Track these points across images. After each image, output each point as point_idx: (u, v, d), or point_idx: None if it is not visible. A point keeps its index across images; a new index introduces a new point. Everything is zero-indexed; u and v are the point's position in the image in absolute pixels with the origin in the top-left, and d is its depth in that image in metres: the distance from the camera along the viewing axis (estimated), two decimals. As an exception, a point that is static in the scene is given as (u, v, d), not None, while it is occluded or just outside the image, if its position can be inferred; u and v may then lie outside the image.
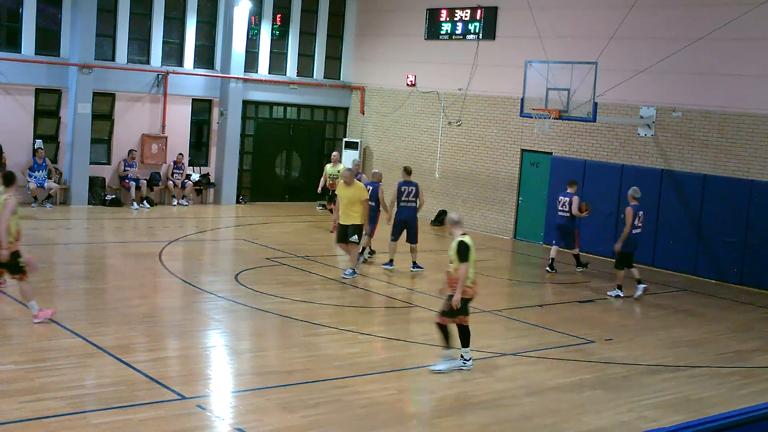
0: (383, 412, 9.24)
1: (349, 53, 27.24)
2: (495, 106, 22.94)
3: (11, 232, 11.18)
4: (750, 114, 18.14)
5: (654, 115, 19.58)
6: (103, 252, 17.54)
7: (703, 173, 18.81)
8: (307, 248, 18.75)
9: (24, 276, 11.41)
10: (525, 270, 19.43)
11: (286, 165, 26.76)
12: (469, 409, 9.55)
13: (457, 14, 23.97)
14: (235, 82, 24.70)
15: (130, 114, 23.52)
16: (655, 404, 10.18)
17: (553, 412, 9.67)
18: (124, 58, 23.31)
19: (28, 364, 9.89)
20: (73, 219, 20.88)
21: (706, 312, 15.56)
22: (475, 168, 23.44)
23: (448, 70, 24.11)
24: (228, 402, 9.46)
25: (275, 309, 13.29)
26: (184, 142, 24.43)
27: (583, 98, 18.43)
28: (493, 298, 15.42)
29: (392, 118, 25.85)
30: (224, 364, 10.94)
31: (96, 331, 11.34)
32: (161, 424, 8.42)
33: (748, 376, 11.76)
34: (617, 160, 20.28)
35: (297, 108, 26.63)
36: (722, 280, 18.34)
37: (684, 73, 19.10)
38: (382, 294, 14.98)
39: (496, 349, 12.05)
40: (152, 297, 14.06)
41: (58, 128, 22.61)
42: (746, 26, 17.86)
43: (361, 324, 12.91)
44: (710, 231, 18.64)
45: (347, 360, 11.04)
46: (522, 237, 22.41)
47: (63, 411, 8.51)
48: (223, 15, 24.60)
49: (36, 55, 22.04)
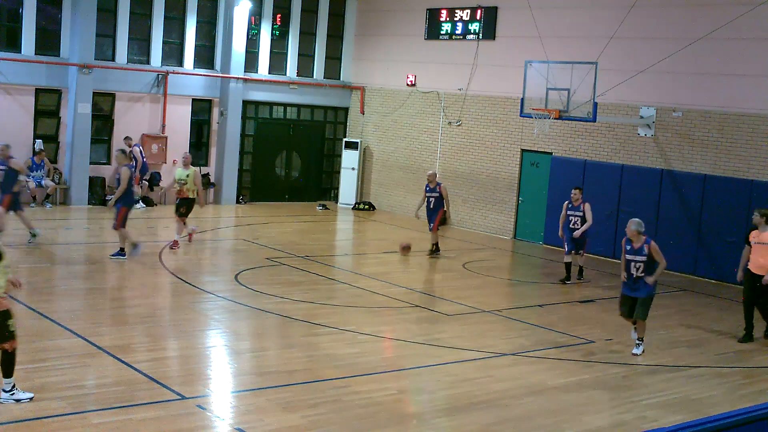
0: (383, 412, 9.24)
1: (349, 53, 27.23)
2: (495, 106, 22.94)
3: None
4: (750, 114, 18.14)
5: (654, 115, 19.57)
6: (103, 252, 17.52)
7: (703, 173, 18.80)
8: (307, 248, 18.75)
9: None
10: (525, 270, 19.43)
11: (286, 165, 26.76)
12: (469, 409, 9.55)
13: (457, 14, 23.96)
14: (235, 82, 24.70)
15: (130, 114, 23.52)
16: (655, 404, 10.17)
17: (553, 412, 9.67)
18: (124, 58, 23.31)
19: (28, 364, 9.89)
20: (73, 219, 20.88)
21: (706, 312, 15.55)
22: (475, 168, 23.44)
23: (448, 70, 24.10)
24: (228, 402, 9.46)
25: (275, 309, 13.29)
26: (184, 142, 24.43)
27: (583, 98, 18.42)
28: (493, 298, 15.42)
29: (392, 118, 25.85)
30: (224, 364, 10.94)
31: (96, 331, 11.35)
32: (161, 424, 8.42)
33: (748, 376, 11.76)
34: (617, 160, 20.27)
35: (297, 108, 26.63)
36: (722, 280, 18.32)
37: (684, 73, 19.10)
38: (382, 294, 14.98)
39: (496, 349, 12.05)
40: (152, 297, 14.07)
41: (58, 128, 22.61)
42: (746, 26, 17.85)
43: (361, 324, 12.90)
44: (710, 231, 18.63)
45: (347, 360, 11.04)
46: (522, 237, 22.40)
47: (63, 411, 8.51)
48: (223, 15, 24.60)
49: (36, 55, 22.05)
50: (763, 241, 13.17)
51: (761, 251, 13.19)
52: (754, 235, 13.38)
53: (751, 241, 13.43)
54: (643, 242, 12.02)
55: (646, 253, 11.98)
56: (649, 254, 11.97)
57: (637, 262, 11.99)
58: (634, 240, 12.02)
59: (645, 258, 11.96)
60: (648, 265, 12.00)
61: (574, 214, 16.99)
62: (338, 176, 27.00)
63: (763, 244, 13.17)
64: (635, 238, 11.99)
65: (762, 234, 13.22)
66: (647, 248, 11.99)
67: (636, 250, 12.01)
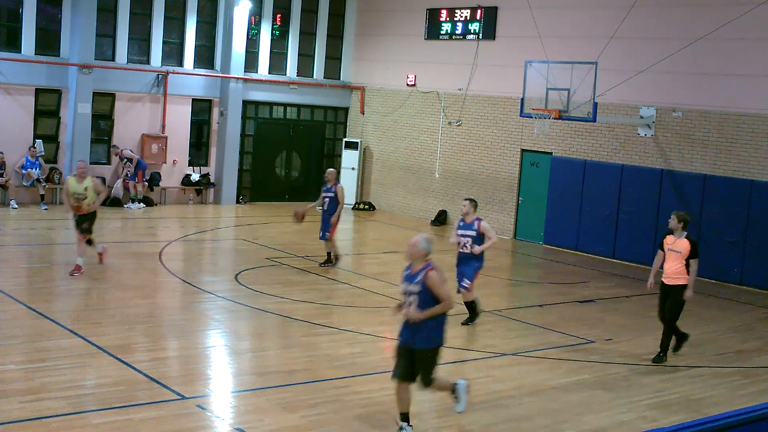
0: (383, 412, 9.24)
1: (349, 53, 27.23)
2: (495, 106, 22.94)
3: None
4: (750, 114, 18.14)
5: (654, 115, 19.57)
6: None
7: (703, 173, 18.80)
8: (307, 248, 18.74)
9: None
10: (525, 270, 19.43)
11: (286, 165, 26.75)
12: (469, 409, 9.54)
13: (457, 14, 23.96)
14: (235, 82, 24.70)
15: (130, 114, 23.51)
16: (655, 404, 10.18)
17: (553, 412, 9.67)
18: (124, 58, 23.31)
19: (28, 364, 9.89)
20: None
21: (705, 312, 15.55)
22: (475, 168, 23.44)
23: (448, 70, 24.10)
24: (228, 402, 9.46)
25: (275, 309, 13.28)
26: (184, 142, 24.44)
27: (583, 98, 18.42)
28: (493, 298, 15.41)
29: (392, 118, 25.84)
30: (224, 364, 10.94)
31: (96, 331, 11.34)
32: (161, 424, 8.42)
33: (748, 376, 11.75)
34: (617, 160, 20.27)
35: (297, 108, 26.62)
36: (722, 280, 18.33)
37: (684, 73, 19.09)
38: (382, 294, 14.98)
39: (496, 349, 12.06)
40: (152, 297, 14.06)
41: (58, 128, 22.61)
42: (746, 26, 17.85)
43: (361, 324, 12.91)
44: (710, 231, 18.62)
45: (347, 360, 11.04)
46: (522, 237, 22.40)
47: (63, 411, 8.51)
48: (223, 15, 24.59)
49: (36, 55, 22.05)
50: (675, 249, 11.72)
51: (674, 259, 11.73)
52: (669, 242, 11.86)
53: (665, 247, 11.89)
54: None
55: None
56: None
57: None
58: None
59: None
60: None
61: (466, 233, 12.90)
62: (338, 176, 26.99)
63: (675, 252, 11.72)
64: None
65: (677, 241, 11.76)
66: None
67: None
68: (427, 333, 8.23)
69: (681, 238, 11.77)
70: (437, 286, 8.17)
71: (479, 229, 12.86)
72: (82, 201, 14.45)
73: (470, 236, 12.87)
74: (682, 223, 11.82)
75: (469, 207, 12.98)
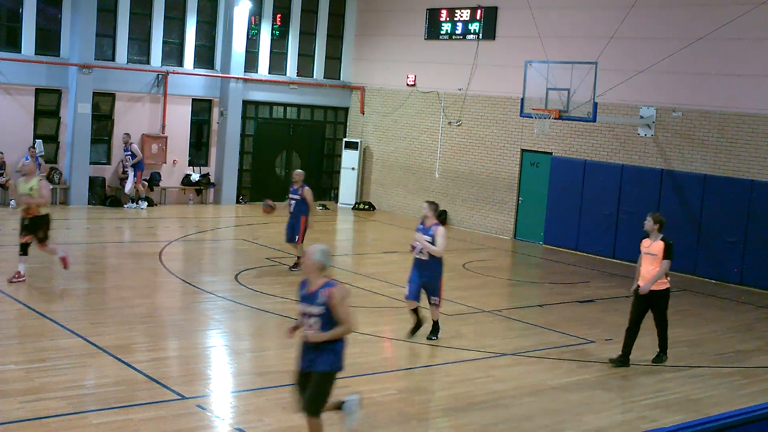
0: (383, 412, 9.24)
1: (349, 53, 27.23)
2: (495, 106, 22.94)
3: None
4: (750, 114, 18.14)
5: (654, 115, 19.57)
6: (103, 252, 17.54)
7: (703, 173, 18.80)
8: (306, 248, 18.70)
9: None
10: (525, 270, 19.43)
11: (286, 165, 26.73)
12: (469, 409, 9.55)
13: (457, 14, 23.96)
14: (235, 82, 24.70)
15: (130, 114, 23.52)
16: (655, 404, 10.17)
17: (553, 412, 9.67)
18: (124, 58, 23.31)
19: (28, 364, 9.90)
20: (73, 219, 20.87)
21: (705, 312, 15.55)
22: (475, 168, 23.44)
23: (448, 70, 24.10)
24: (228, 402, 9.46)
25: (275, 309, 13.28)
26: (184, 142, 24.44)
27: (583, 98, 18.42)
28: (493, 298, 15.42)
29: (392, 118, 25.85)
30: (224, 364, 10.94)
31: (96, 331, 11.34)
32: (161, 424, 8.42)
33: (748, 376, 11.75)
34: (617, 160, 20.27)
35: (297, 108, 26.62)
36: (722, 280, 18.33)
37: (684, 73, 19.09)
38: (382, 294, 14.98)
39: (496, 349, 12.05)
40: (152, 297, 14.07)
41: (58, 128, 22.61)
42: (746, 26, 17.85)
43: (361, 324, 12.88)
44: (710, 231, 18.62)
45: (347, 360, 11.01)
46: (522, 237, 22.40)
47: (63, 411, 8.51)
48: (223, 15, 24.59)
49: (36, 55, 22.04)
50: (651, 252, 11.45)
51: (650, 262, 11.44)
52: (645, 245, 11.60)
53: (642, 250, 11.62)
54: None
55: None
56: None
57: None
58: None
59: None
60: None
61: (425, 238, 12.00)
62: (338, 176, 27.01)
63: (651, 255, 11.45)
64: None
65: (653, 243, 11.49)
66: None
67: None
68: (328, 356, 7.62)
69: (656, 240, 11.49)
70: (340, 307, 7.47)
71: (435, 234, 11.79)
72: (29, 202, 13.59)
73: (427, 242, 11.79)
74: (658, 225, 11.54)
75: (428, 210, 11.89)
